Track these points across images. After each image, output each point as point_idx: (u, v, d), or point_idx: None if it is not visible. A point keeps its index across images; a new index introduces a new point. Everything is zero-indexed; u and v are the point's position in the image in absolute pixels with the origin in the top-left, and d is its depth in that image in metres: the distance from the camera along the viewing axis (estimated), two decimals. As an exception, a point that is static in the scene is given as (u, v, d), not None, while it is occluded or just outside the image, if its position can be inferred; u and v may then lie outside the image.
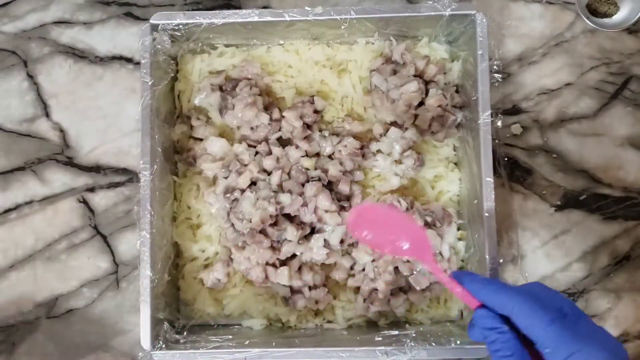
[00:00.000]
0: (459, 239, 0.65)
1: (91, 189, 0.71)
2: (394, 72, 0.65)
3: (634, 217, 0.69)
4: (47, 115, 0.72)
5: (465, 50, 0.63)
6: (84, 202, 0.71)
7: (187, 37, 0.64)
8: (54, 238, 0.70)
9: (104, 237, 0.70)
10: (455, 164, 0.67)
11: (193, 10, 0.72)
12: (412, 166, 0.64)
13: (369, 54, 0.67)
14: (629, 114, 0.71)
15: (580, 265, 0.69)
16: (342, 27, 0.62)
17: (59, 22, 0.73)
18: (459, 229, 0.65)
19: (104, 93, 0.72)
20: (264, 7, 0.72)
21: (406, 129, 0.64)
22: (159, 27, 0.61)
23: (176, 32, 0.62)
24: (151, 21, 0.61)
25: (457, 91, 0.66)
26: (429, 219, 0.62)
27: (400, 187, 0.65)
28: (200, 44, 0.66)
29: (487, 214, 0.58)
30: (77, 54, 0.73)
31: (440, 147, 0.67)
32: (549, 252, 0.69)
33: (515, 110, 0.70)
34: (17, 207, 0.71)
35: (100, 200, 0.71)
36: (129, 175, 0.71)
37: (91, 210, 0.70)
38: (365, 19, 0.61)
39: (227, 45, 0.68)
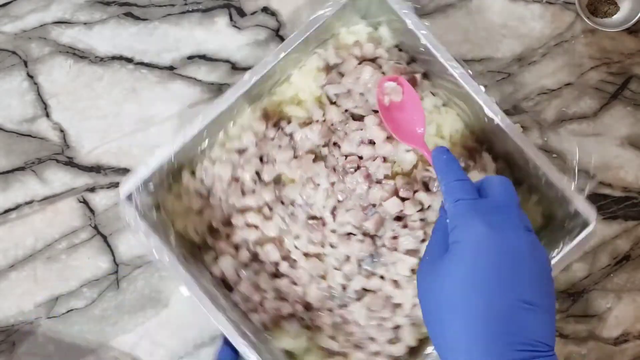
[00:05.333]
0: None
1: (91, 189, 0.71)
2: (342, 75, 0.64)
3: (634, 217, 0.69)
4: (47, 115, 0.72)
5: (382, 15, 0.63)
6: (84, 202, 0.71)
7: None
8: (54, 238, 0.70)
9: (104, 237, 0.70)
10: (444, 105, 0.66)
11: (193, 11, 0.72)
12: None
13: (309, 77, 0.65)
14: (629, 114, 0.71)
15: (580, 265, 0.69)
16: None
17: (59, 22, 0.73)
18: None
19: (104, 93, 0.72)
20: (264, 8, 0.72)
21: None
22: None
23: None
24: None
25: (400, 50, 0.65)
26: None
27: None
28: None
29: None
30: (78, 54, 0.73)
31: (423, 102, 0.65)
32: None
33: (515, 111, 0.71)
34: (17, 207, 0.71)
35: (101, 200, 0.71)
36: (129, 175, 0.71)
37: (91, 210, 0.71)
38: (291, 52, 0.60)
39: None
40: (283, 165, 0.62)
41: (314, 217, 0.62)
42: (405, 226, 0.61)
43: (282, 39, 0.72)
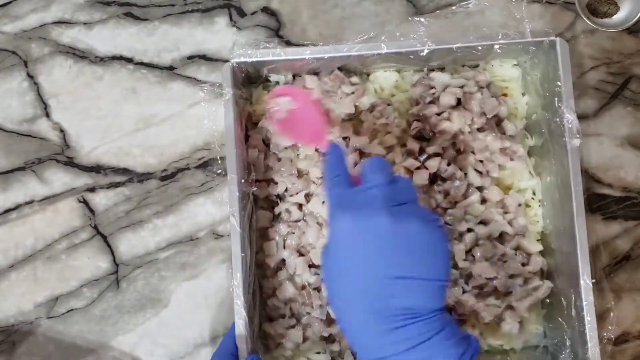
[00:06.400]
0: None
1: (91, 189, 0.71)
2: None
3: (634, 217, 0.69)
4: (47, 115, 0.72)
5: (258, 71, 0.64)
6: (84, 202, 0.71)
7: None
8: (54, 238, 0.70)
9: (104, 237, 0.70)
10: (368, 75, 0.67)
11: (193, 11, 0.72)
12: None
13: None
14: (629, 114, 0.71)
15: (580, 265, 0.69)
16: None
17: (59, 22, 0.73)
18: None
19: (104, 93, 0.72)
20: (264, 8, 0.72)
21: None
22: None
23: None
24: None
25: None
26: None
27: None
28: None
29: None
30: (78, 54, 0.73)
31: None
32: (549, 252, 0.69)
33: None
34: (17, 207, 0.71)
35: (101, 200, 0.71)
36: (129, 175, 0.71)
37: (91, 210, 0.70)
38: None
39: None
40: (321, 240, 0.62)
41: None
42: (443, 179, 0.61)
43: (282, 38, 0.72)
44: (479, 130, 0.62)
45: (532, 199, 0.65)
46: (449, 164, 0.61)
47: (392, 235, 0.41)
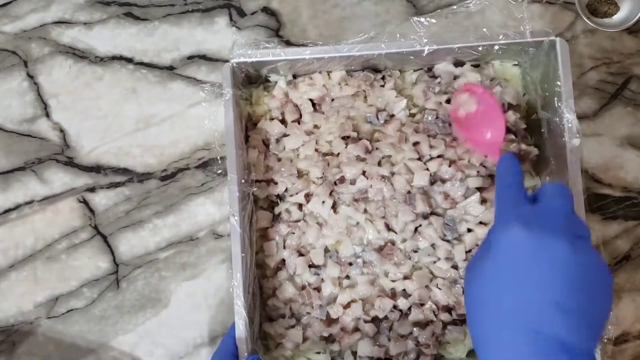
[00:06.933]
0: None
1: (91, 189, 0.71)
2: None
3: (634, 217, 0.69)
4: (47, 115, 0.72)
5: (259, 71, 0.64)
6: (84, 202, 0.71)
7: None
8: (54, 238, 0.70)
9: (104, 237, 0.70)
10: (383, 77, 0.66)
11: (193, 11, 0.72)
12: None
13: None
14: (629, 114, 0.71)
15: (580, 265, 0.69)
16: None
17: (59, 22, 0.73)
18: None
19: (104, 93, 0.72)
20: (264, 8, 0.72)
21: None
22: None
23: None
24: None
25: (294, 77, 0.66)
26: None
27: None
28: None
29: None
30: (78, 54, 0.73)
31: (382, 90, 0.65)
32: (549, 252, 0.69)
33: (515, 110, 0.70)
34: (17, 207, 0.71)
35: (101, 200, 0.71)
36: (129, 175, 0.71)
37: (91, 210, 0.71)
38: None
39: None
40: (320, 240, 0.62)
41: (381, 248, 0.62)
42: (443, 181, 0.61)
43: (282, 38, 0.72)
44: None
45: None
46: (449, 165, 0.61)
47: (568, 263, 0.39)
